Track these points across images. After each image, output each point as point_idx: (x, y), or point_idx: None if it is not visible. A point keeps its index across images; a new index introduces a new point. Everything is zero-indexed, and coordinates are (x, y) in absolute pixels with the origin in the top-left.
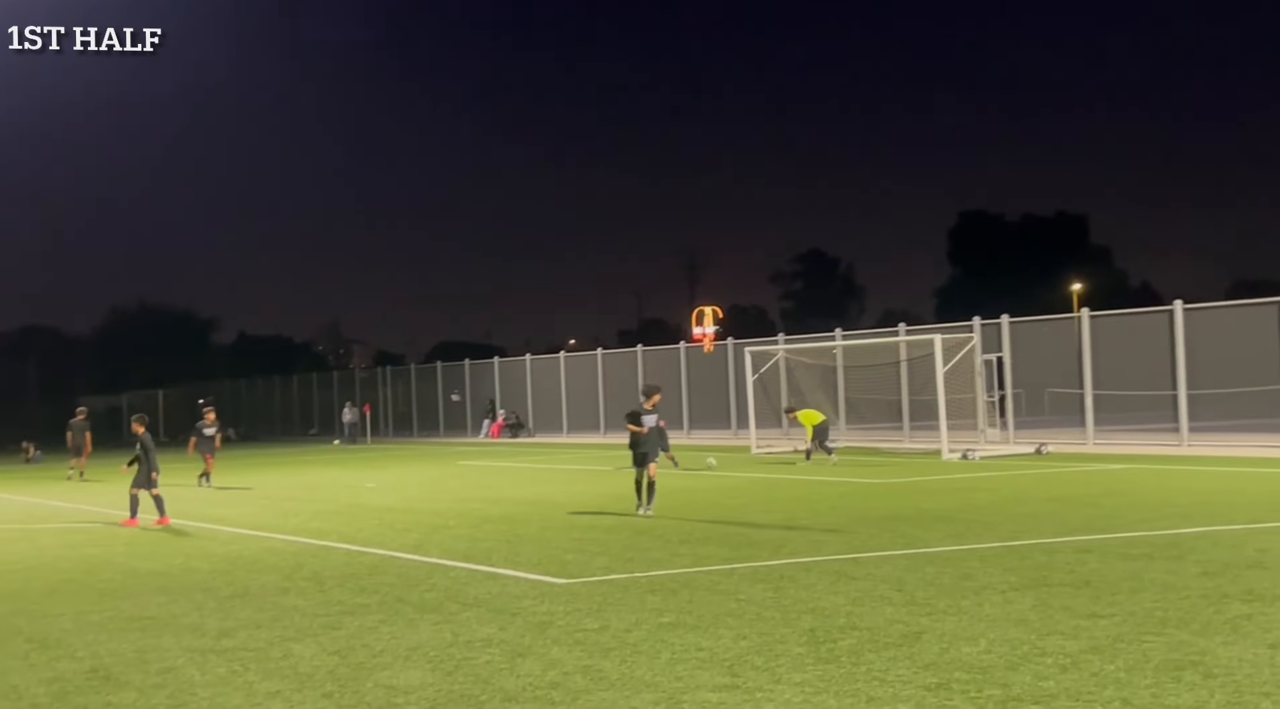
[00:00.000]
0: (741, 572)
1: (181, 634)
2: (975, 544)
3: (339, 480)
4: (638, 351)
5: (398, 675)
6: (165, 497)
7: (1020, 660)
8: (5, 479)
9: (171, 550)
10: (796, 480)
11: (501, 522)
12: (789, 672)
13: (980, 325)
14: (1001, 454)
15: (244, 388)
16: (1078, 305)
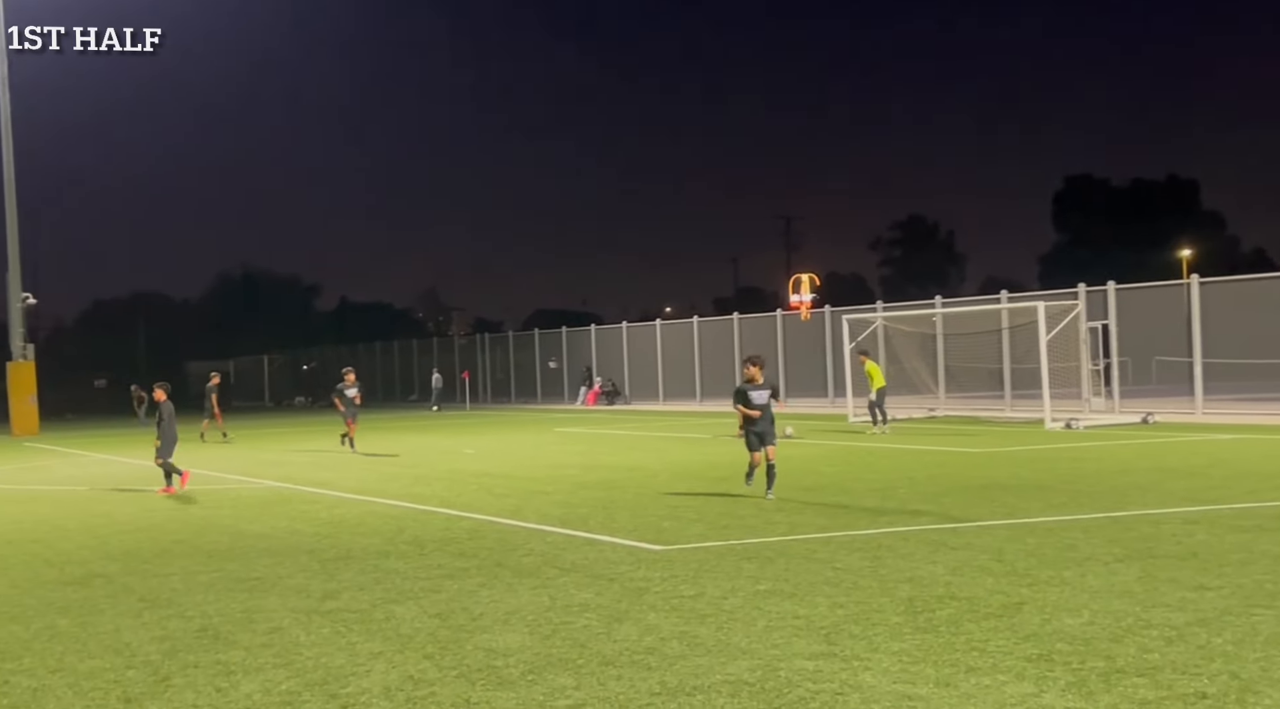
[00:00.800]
0: (838, 540)
1: (287, 595)
2: (1078, 515)
3: (438, 446)
4: (734, 319)
5: (497, 638)
6: (310, 460)
7: (1124, 633)
8: (116, 442)
9: (276, 513)
10: (894, 449)
11: (598, 488)
12: (886, 641)
13: (1085, 292)
14: (1106, 424)
15: (345, 354)
16: (1187, 272)
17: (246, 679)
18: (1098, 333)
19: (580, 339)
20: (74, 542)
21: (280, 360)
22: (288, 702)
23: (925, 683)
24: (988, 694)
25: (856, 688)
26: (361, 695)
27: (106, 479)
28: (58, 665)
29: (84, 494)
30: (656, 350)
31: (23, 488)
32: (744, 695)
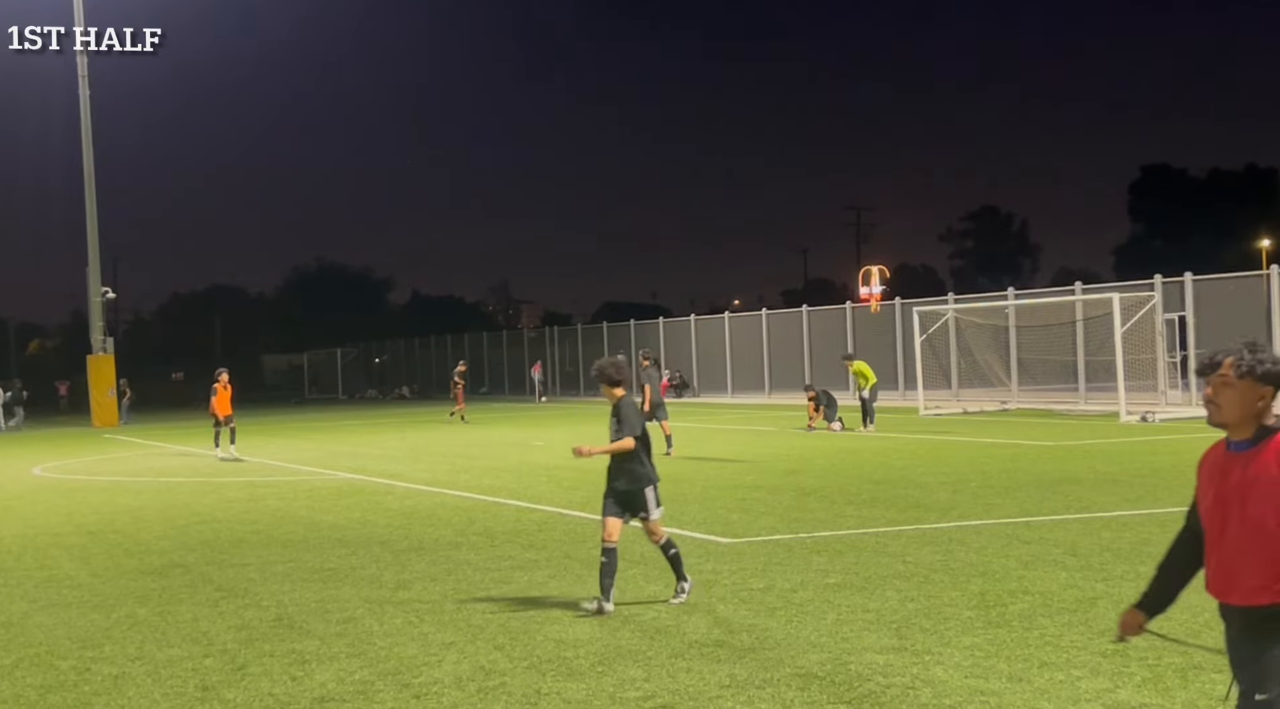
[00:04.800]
0: (909, 534)
1: (360, 585)
2: (1154, 509)
3: (508, 438)
4: (803, 312)
5: (566, 630)
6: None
7: (1201, 628)
8: (194, 434)
9: (350, 505)
10: (966, 442)
11: (666, 481)
12: (958, 635)
13: (1162, 284)
14: (1183, 417)
15: (417, 346)
16: (1266, 262)
17: (320, 668)
18: (1174, 325)
19: (649, 332)
20: (153, 532)
21: (353, 354)
22: (361, 691)
23: (998, 678)
24: (1061, 689)
25: (928, 682)
26: (433, 685)
27: (185, 470)
28: (137, 654)
29: (163, 485)
30: (725, 343)
31: (103, 479)
32: (814, 689)
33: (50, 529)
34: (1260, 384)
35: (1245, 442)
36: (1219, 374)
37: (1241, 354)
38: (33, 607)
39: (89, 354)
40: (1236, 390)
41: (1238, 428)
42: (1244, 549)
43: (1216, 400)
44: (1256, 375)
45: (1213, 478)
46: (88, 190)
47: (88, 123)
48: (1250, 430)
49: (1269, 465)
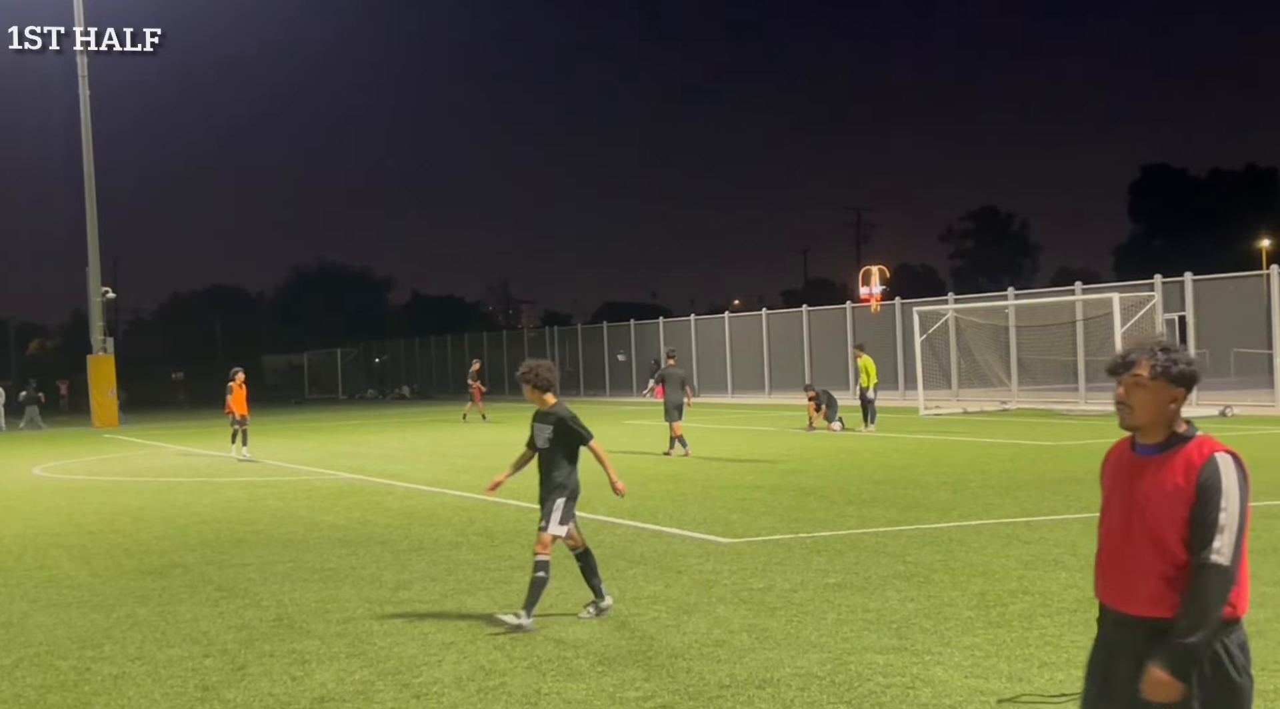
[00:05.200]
0: (909, 534)
1: (361, 585)
2: None
3: (508, 438)
4: (803, 312)
5: (567, 630)
6: (383, 452)
7: None
8: (194, 434)
9: (350, 505)
10: (966, 442)
11: (666, 480)
12: (958, 635)
13: (1162, 283)
14: (1183, 416)
15: (417, 346)
16: (1266, 263)
17: (321, 668)
18: (1175, 325)
19: (649, 332)
20: (153, 532)
21: (353, 354)
22: (361, 691)
23: (998, 678)
24: (1061, 689)
25: (928, 682)
26: (433, 685)
27: (185, 470)
28: (137, 654)
29: (163, 485)
30: (725, 343)
31: (103, 479)
32: (814, 689)
33: (50, 529)
34: (1173, 385)
35: (1154, 446)
36: (1132, 374)
37: (1155, 354)
38: (33, 607)
39: (89, 354)
40: (1150, 392)
41: (1149, 431)
42: (1139, 557)
43: (1129, 402)
44: (1170, 376)
45: (1117, 481)
46: (88, 190)
47: (88, 123)
48: (1161, 434)
49: (1175, 476)
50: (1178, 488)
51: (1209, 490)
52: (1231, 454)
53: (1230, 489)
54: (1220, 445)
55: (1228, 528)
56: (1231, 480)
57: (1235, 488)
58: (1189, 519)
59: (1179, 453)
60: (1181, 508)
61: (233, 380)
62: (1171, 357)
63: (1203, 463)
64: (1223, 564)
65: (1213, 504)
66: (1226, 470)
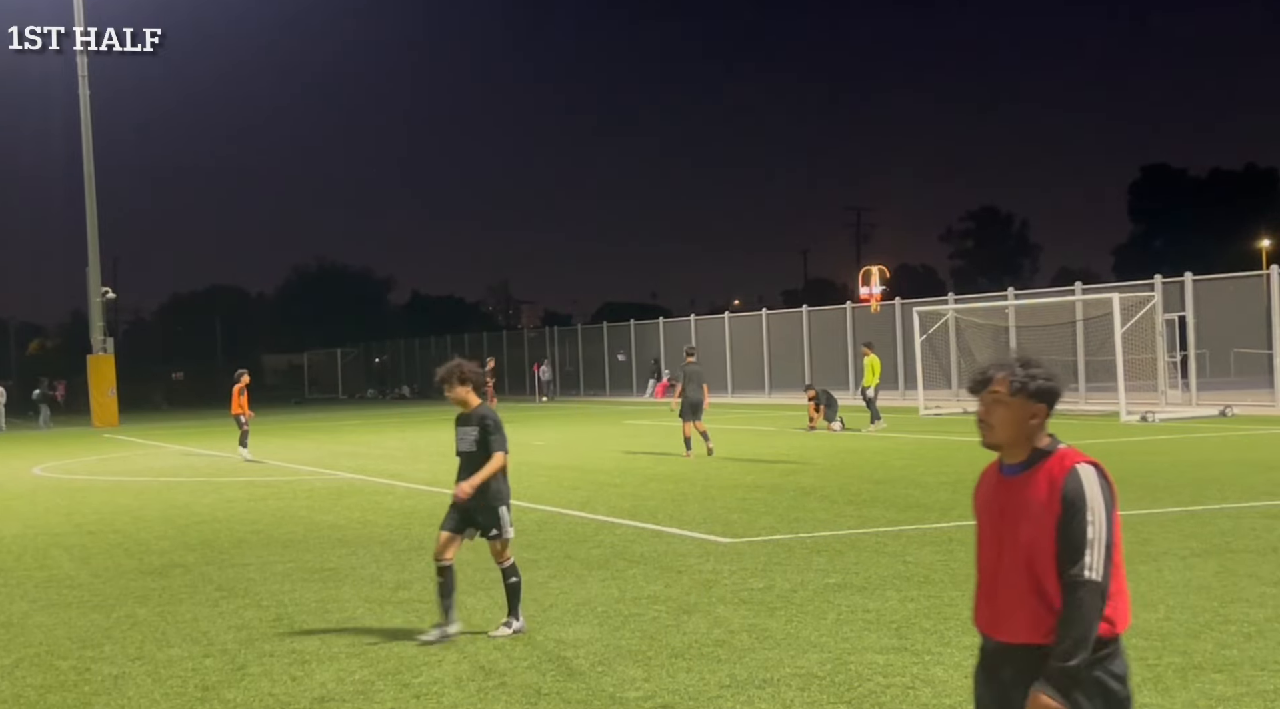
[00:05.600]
0: (909, 534)
1: (360, 585)
2: (1154, 509)
3: (508, 438)
4: (803, 311)
5: (567, 629)
6: (383, 453)
7: (1202, 628)
8: (194, 434)
9: (349, 505)
10: (966, 442)
11: (666, 481)
12: (958, 635)
13: (1162, 283)
14: (1183, 417)
15: (417, 346)
16: (1266, 262)
17: (321, 668)
18: (1174, 325)
19: (649, 332)
20: (153, 532)
21: (353, 354)
22: (361, 691)
23: None
24: None
25: (928, 682)
26: (433, 685)
27: (185, 470)
28: (137, 654)
29: (163, 485)
30: (725, 343)
31: (103, 479)
32: (814, 689)
33: (50, 529)
34: (1033, 402)
35: (1018, 465)
36: (990, 391)
37: (1014, 370)
38: (33, 607)
39: (89, 354)
40: (1010, 409)
41: (1011, 450)
42: (1014, 582)
43: (989, 420)
44: (1029, 393)
45: (987, 506)
46: (88, 190)
47: (88, 123)
48: (1024, 452)
49: (1040, 491)
50: (1042, 506)
51: (1073, 504)
52: (1094, 465)
53: (1095, 501)
54: (1083, 457)
55: (1096, 542)
56: (1095, 492)
57: (1100, 500)
58: (1056, 536)
59: (1042, 469)
60: (1048, 526)
61: (237, 383)
62: (1031, 372)
63: (1065, 476)
64: (1094, 580)
65: (1078, 519)
66: (1089, 482)
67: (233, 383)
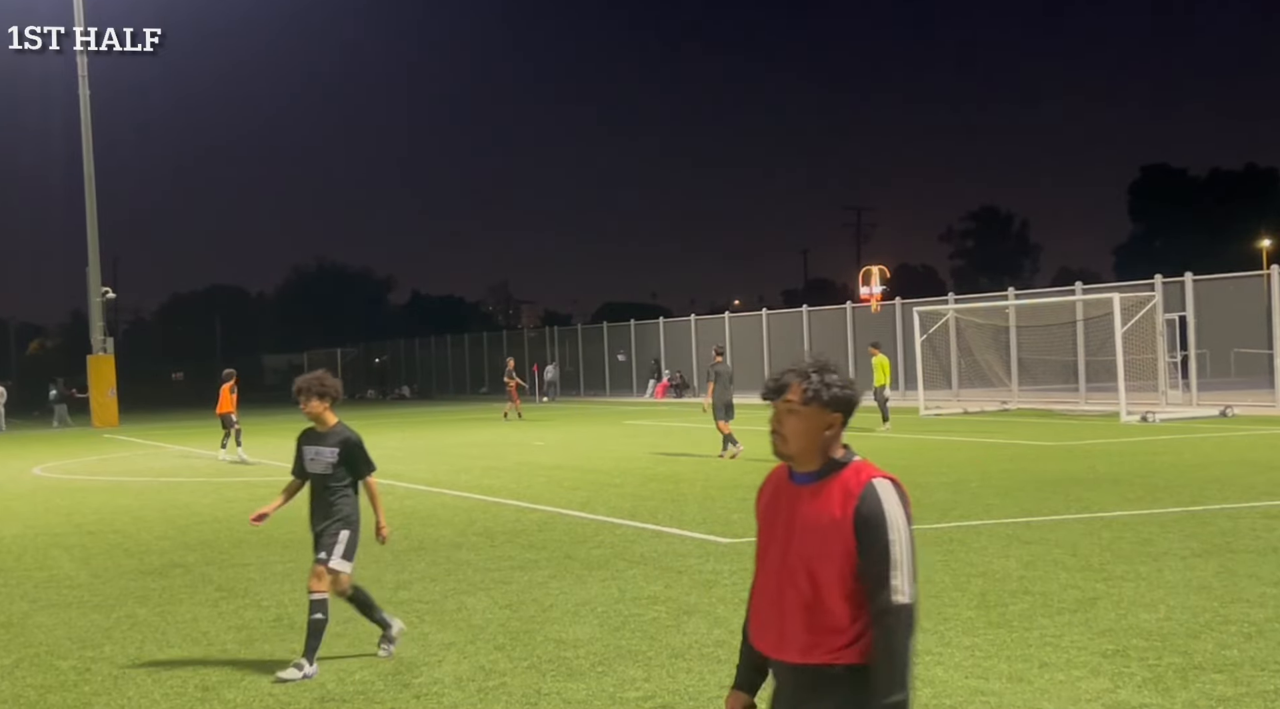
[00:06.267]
0: None
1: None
2: (1154, 509)
3: (508, 438)
4: (803, 312)
5: (567, 630)
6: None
7: (1202, 628)
8: (194, 434)
9: None
10: (966, 442)
11: (666, 481)
12: (958, 635)
13: (1162, 283)
14: (1184, 417)
15: (417, 346)
16: (1267, 263)
17: (321, 668)
18: (1175, 325)
19: (649, 332)
20: (153, 532)
21: (353, 354)
22: (361, 691)
23: (998, 678)
24: (1062, 690)
25: (928, 683)
26: (434, 686)
27: (185, 470)
28: (138, 654)
29: (163, 485)
30: (725, 343)
31: (103, 479)
32: None
33: (50, 529)
34: (828, 411)
35: (810, 474)
36: (784, 400)
37: (809, 377)
38: (33, 607)
39: (89, 354)
40: (802, 418)
41: (803, 460)
42: (793, 598)
43: (781, 430)
44: (823, 401)
45: (771, 514)
46: (88, 190)
47: (88, 123)
48: (817, 462)
49: (831, 506)
50: (834, 520)
51: (871, 522)
52: (891, 480)
53: (895, 518)
54: (878, 471)
55: (902, 562)
56: (896, 509)
57: (901, 516)
58: (854, 556)
59: (836, 480)
60: (838, 541)
61: (226, 382)
62: (825, 379)
63: (860, 491)
64: (905, 603)
65: (880, 538)
66: (888, 498)
67: (221, 382)
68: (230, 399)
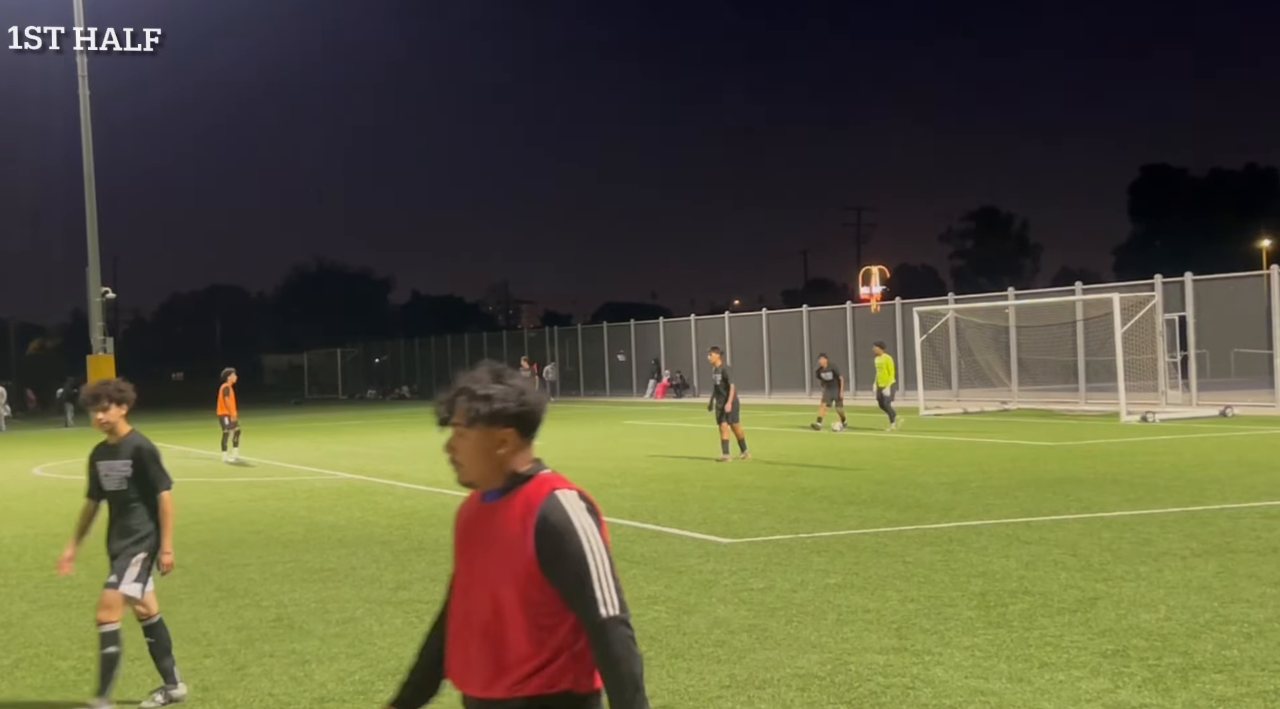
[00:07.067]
0: (909, 534)
1: (360, 586)
2: (1154, 509)
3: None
4: (803, 312)
5: None
6: (383, 453)
7: (1202, 628)
8: (193, 434)
9: (349, 505)
10: (966, 442)
11: (666, 481)
12: (959, 635)
13: (1162, 284)
14: (1183, 417)
15: (417, 346)
16: (1267, 262)
17: (320, 668)
18: (1175, 325)
19: (649, 332)
20: None
21: (352, 354)
22: (361, 691)
23: (998, 678)
24: (1062, 690)
25: (928, 683)
26: None
27: (184, 471)
28: (138, 654)
29: None
30: (725, 343)
31: None
32: (814, 689)
33: (50, 529)
34: (496, 428)
35: (496, 491)
36: (454, 423)
37: (470, 396)
38: (33, 607)
39: (89, 354)
40: (470, 441)
41: (485, 482)
42: (480, 625)
43: (456, 457)
44: (488, 420)
45: (464, 537)
46: (88, 190)
47: (88, 123)
48: (500, 480)
49: (513, 521)
50: (515, 535)
51: (554, 533)
52: (577, 491)
53: (584, 527)
54: (565, 482)
55: (600, 573)
56: (582, 518)
57: (591, 526)
58: (536, 575)
59: (518, 495)
60: (520, 558)
61: (224, 383)
62: (487, 395)
63: (541, 503)
64: (614, 615)
65: (567, 548)
66: (573, 507)
67: (219, 382)
68: (224, 402)
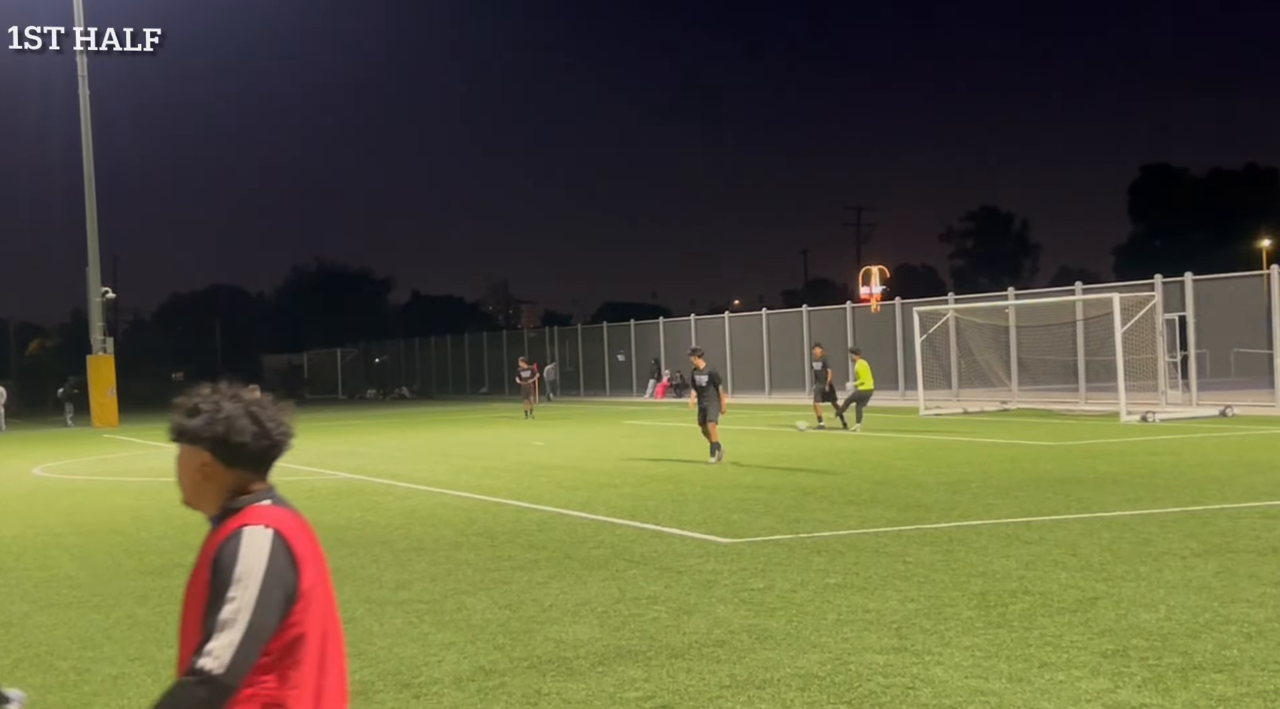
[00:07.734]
0: (909, 534)
1: (360, 585)
2: (1154, 509)
3: (508, 438)
4: (803, 311)
5: (566, 630)
6: (382, 452)
7: (1202, 628)
8: None
9: (349, 504)
10: (966, 442)
11: (666, 481)
12: (958, 635)
13: (1162, 283)
14: (1183, 417)
15: (417, 346)
16: (1266, 263)
17: None
18: (1175, 325)
19: (649, 332)
20: (153, 532)
21: (353, 354)
22: (360, 692)
23: (998, 678)
24: (1062, 690)
25: (928, 682)
26: (433, 686)
27: None
28: (138, 654)
29: (163, 485)
30: (725, 343)
31: (103, 479)
32: (814, 689)
33: (50, 529)
34: (196, 448)
35: (213, 519)
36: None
37: (177, 410)
38: (33, 607)
39: (89, 354)
40: (178, 459)
41: (199, 505)
42: (182, 663)
43: (177, 473)
44: (188, 438)
45: None
46: (88, 190)
47: (88, 123)
48: (214, 507)
49: (204, 557)
50: (200, 572)
51: (219, 575)
52: (276, 530)
53: (249, 575)
54: (267, 518)
55: (233, 625)
56: (255, 561)
57: (257, 571)
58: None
59: (221, 528)
60: (201, 597)
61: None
62: (192, 406)
63: (224, 540)
64: (210, 670)
65: (219, 594)
66: (251, 549)
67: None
68: None
